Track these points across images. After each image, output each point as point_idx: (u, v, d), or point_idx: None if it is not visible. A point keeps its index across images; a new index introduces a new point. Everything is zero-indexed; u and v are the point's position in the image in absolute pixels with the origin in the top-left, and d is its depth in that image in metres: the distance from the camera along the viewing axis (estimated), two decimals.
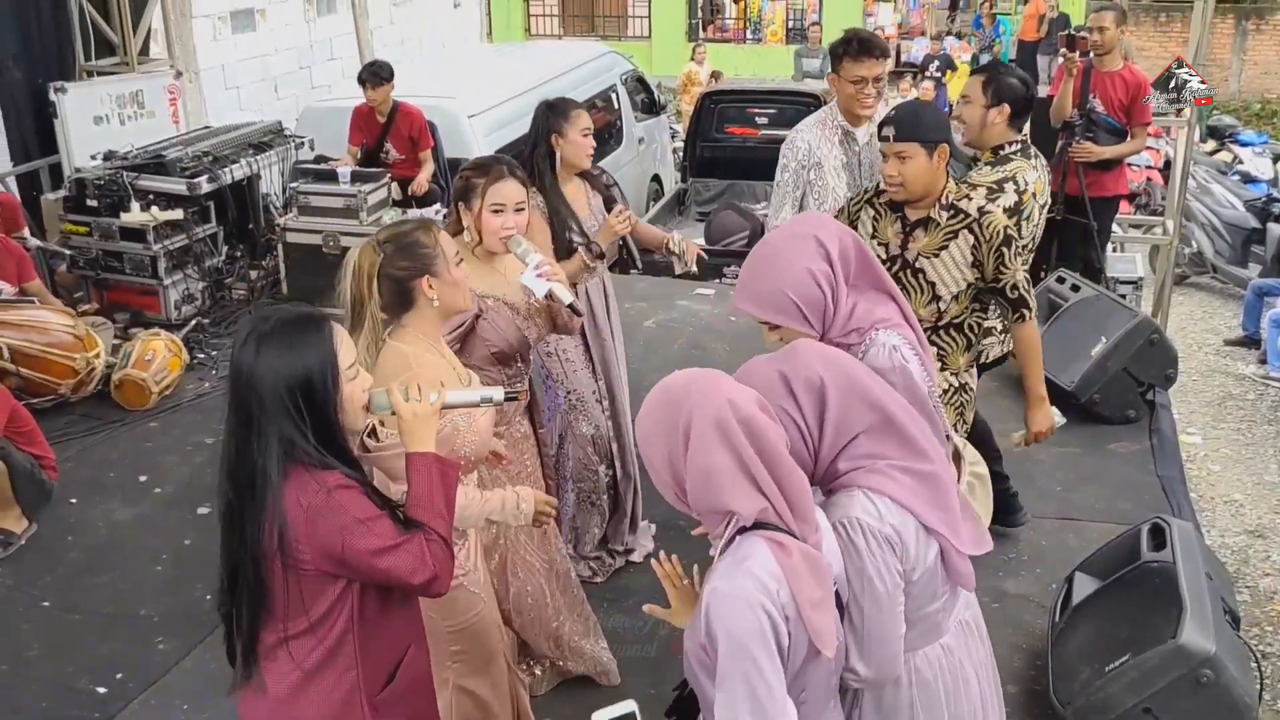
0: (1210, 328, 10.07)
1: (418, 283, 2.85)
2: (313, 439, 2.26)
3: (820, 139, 4.50)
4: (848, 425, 2.27)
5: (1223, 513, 6.90)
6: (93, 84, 8.60)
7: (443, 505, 2.38)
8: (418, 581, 2.29)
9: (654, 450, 2.13)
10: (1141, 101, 6.67)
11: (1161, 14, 18.83)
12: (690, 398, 2.09)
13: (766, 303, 2.68)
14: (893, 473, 2.27)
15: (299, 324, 2.31)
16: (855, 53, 4.34)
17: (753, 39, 22.53)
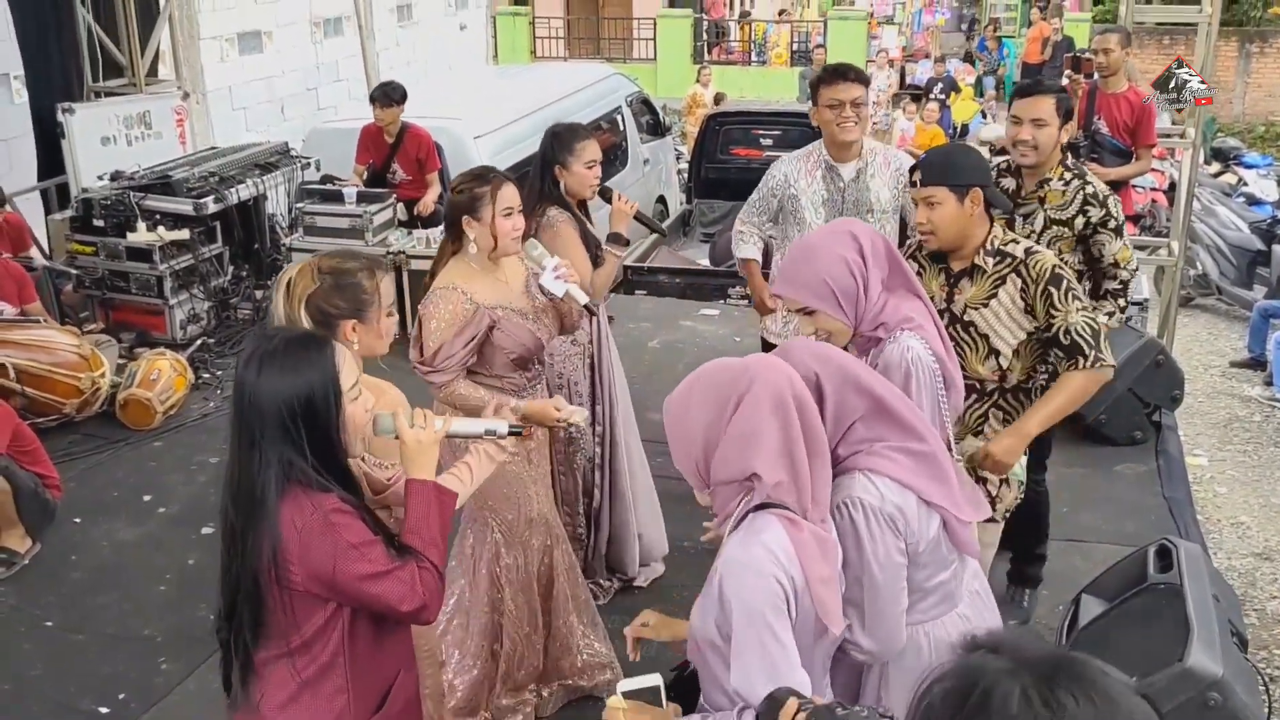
0: (1215, 349, 10.05)
1: (343, 324, 2.76)
2: (311, 459, 2.25)
3: (800, 171, 4.53)
4: (844, 413, 2.35)
5: (1229, 535, 6.87)
6: (100, 105, 8.64)
7: (437, 534, 2.37)
8: (406, 609, 2.28)
9: (689, 420, 2.16)
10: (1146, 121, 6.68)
11: (1165, 36, 18.89)
12: (753, 370, 2.15)
13: (804, 287, 2.82)
14: (890, 454, 2.34)
15: (302, 344, 2.30)
16: (829, 78, 4.39)
17: (757, 61, 22.62)
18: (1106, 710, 1.13)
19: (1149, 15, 10.66)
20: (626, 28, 23.91)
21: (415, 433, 2.39)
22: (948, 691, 1.20)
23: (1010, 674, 1.17)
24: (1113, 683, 1.17)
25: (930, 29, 26.55)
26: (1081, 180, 4.12)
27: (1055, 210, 4.11)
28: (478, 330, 3.50)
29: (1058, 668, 1.18)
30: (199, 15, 10.54)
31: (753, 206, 4.78)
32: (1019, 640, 1.24)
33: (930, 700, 1.22)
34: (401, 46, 15.45)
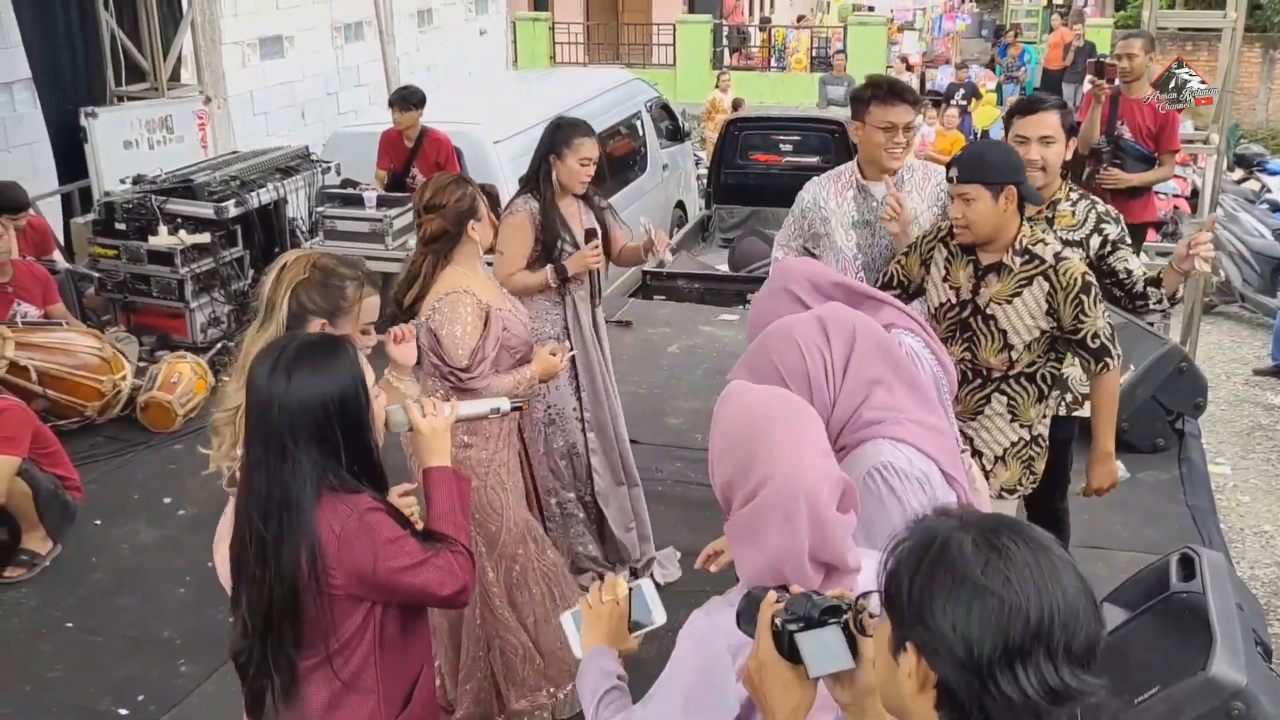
0: (1239, 357, 9.98)
1: (311, 322, 2.80)
2: (345, 461, 2.28)
3: (830, 194, 4.27)
4: (867, 373, 2.34)
5: (1253, 544, 6.81)
6: (123, 109, 8.69)
7: (462, 518, 2.44)
8: (447, 593, 2.35)
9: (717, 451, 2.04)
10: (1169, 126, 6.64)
11: (1188, 43, 18.80)
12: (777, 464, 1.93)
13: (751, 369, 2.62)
14: (912, 426, 2.35)
15: (325, 348, 2.32)
16: (884, 96, 4.04)
17: (777, 67, 22.60)
18: (1041, 551, 1.37)
19: (1172, 21, 10.61)
20: (646, 33, 23.92)
21: (429, 422, 2.45)
22: (909, 549, 1.41)
23: (960, 528, 1.40)
24: (1044, 534, 1.41)
25: (951, 35, 26.50)
26: (1089, 200, 4.02)
27: (1067, 231, 3.94)
28: (498, 330, 3.58)
29: (999, 522, 1.42)
30: (221, 20, 10.60)
31: (788, 230, 4.54)
32: (963, 509, 1.48)
33: (896, 559, 1.42)
34: (422, 51, 15.49)
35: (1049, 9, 25.95)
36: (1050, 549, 1.39)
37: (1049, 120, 3.91)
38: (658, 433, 6.29)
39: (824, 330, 2.36)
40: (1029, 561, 1.35)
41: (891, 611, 1.43)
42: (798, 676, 1.63)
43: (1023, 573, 1.34)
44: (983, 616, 1.32)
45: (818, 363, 2.32)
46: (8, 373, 5.94)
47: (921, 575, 1.37)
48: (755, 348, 2.44)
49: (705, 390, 6.93)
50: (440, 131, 8.12)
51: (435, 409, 2.45)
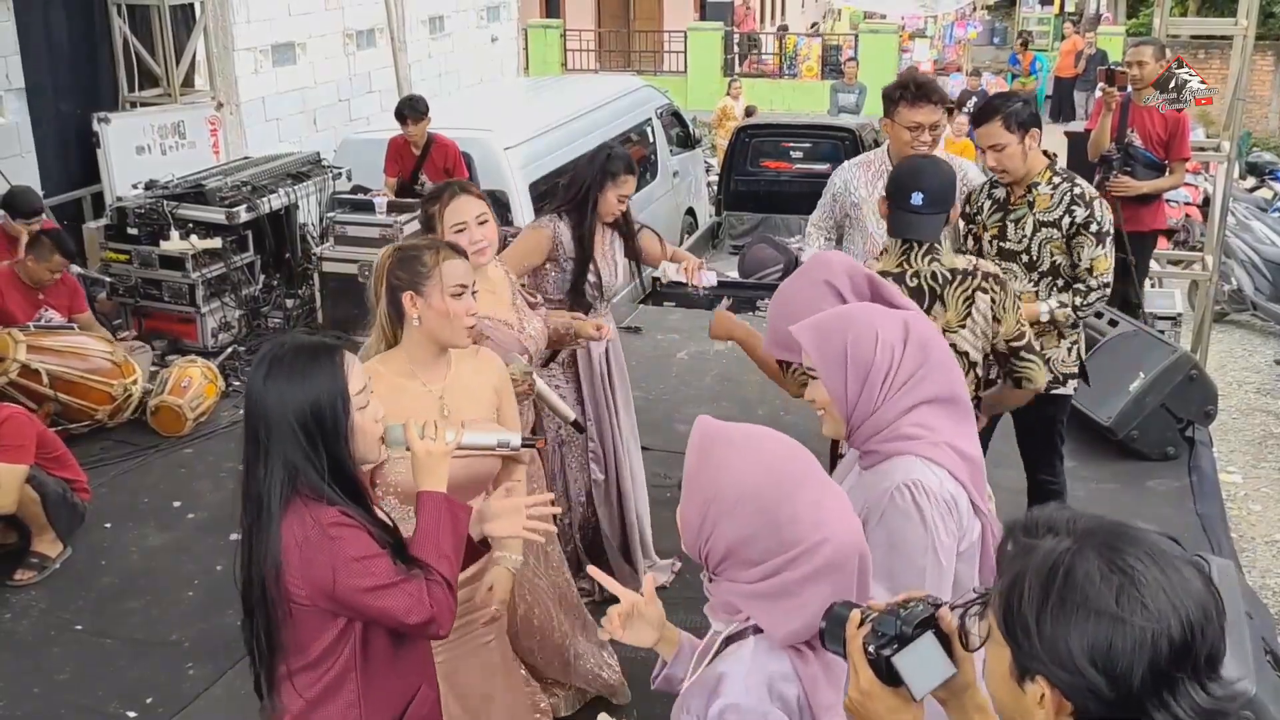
0: (1250, 365, 9.95)
1: (404, 297, 2.84)
2: (316, 468, 2.22)
3: (861, 180, 4.42)
4: (923, 391, 2.32)
5: (1264, 553, 6.78)
6: (135, 114, 8.73)
7: (449, 547, 2.33)
8: (413, 622, 2.24)
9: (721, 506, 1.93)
10: (1180, 134, 6.63)
11: (1200, 50, 18.75)
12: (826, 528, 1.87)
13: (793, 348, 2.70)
14: (947, 450, 2.32)
15: (310, 352, 2.28)
16: (912, 98, 4.19)
17: (788, 74, 22.61)
18: (1165, 562, 1.32)
19: (1183, 28, 10.61)
20: (657, 40, 23.95)
21: (425, 444, 2.35)
22: (1031, 580, 1.34)
23: (1077, 551, 1.33)
24: (1153, 536, 1.37)
25: (962, 42, 26.47)
26: (1071, 183, 4.14)
27: (1043, 213, 4.13)
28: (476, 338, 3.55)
29: (1114, 535, 1.36)
30: (233, 27, 10.64)
31: (820, 212, 4.68)
32: (1064, 518, 1.40)
33: (1012, 594, 1.35)
34: (433, 58, 15.52)
35: (1061, 17, 25.93)
36: (1168, 552, 1.34)
37: (993, 129, 4.07)
38: (667, 439, 6.28)
39: (905, 337, 2.33)
40: (1159, 579, 1.30)
41: (1016, 646, 1.35)
42: (902, 699, 1.58)
43: (1156, 595, 1.29)
44: (1125, 650, 1.27)
45: (883, 365, 2.30)
46: (20, 376, 5.97)
47: (1053, 613, 1.31)
48: (832, 323, 2.37)
49: (714, 397, 6.94)
50: (447, 137, 8.14)
51: (436, 432, 2.37)
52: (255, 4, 12.01)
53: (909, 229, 3.44)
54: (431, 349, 2.91)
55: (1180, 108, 6.73)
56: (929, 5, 21.15)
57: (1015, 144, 4.07)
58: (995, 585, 1.40)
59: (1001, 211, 4.22)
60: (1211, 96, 7.16)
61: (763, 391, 6.94)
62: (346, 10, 13.63)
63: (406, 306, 2.84)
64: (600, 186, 4.35)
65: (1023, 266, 4.17)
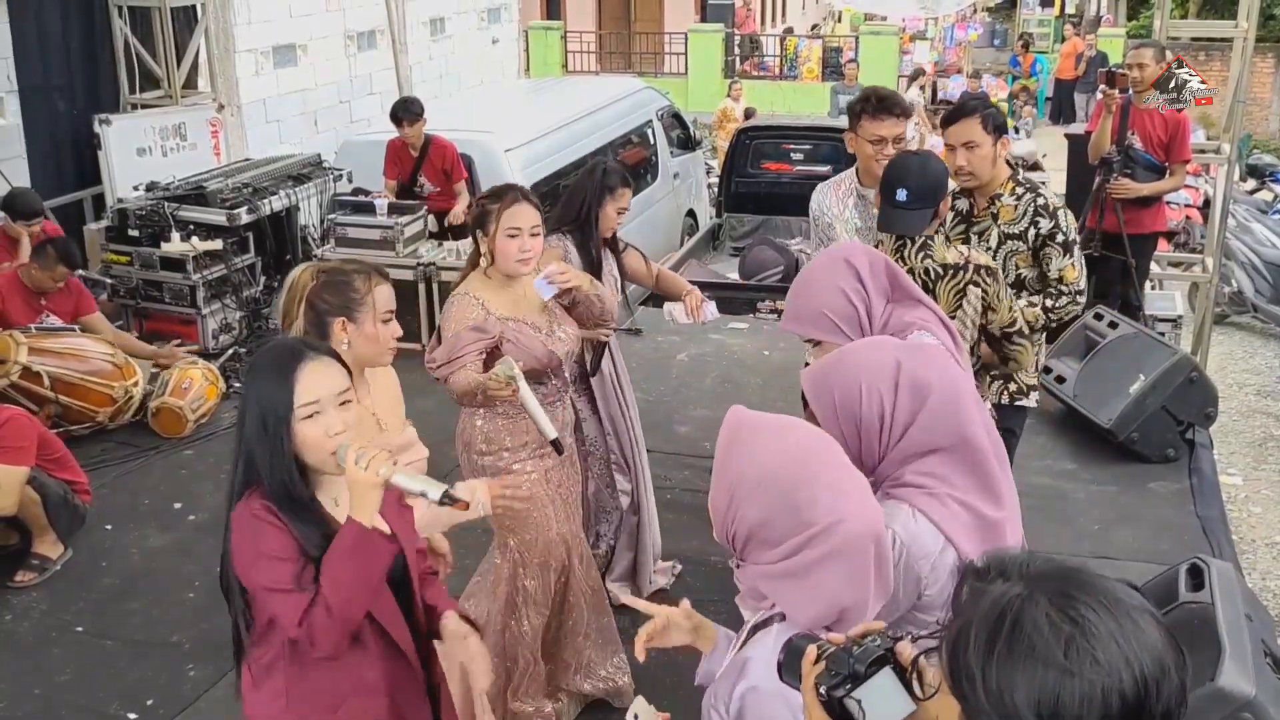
0: (1250, 367, 9.95)
1: (334, 322, 2.84)
2: (263, 463, 2.33)
3: (833, 200, 4.42)
4: (929, 439, 2.21)
5: (1264, 555, 6.78)
6: (136, 116, 8.74)
7: (347, 576, 2.30)
8: (290, 635, 2.32)
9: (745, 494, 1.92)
10: (1180, 136, 6.63)
11: (1200, 52, 18.76)
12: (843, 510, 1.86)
13: (807, 321, 2.86)
14: (951, 504, 2.21)
15: (275, 354, 2.39)
16: (874, 110, 4.18)
17: (789, 76, 22.61)
18: (1120, 611, 1.25)
19: (1184, 30, 10.61)
20: (658, 42, 23.96)
21: (358, 472, 2.31)
22: (977, 628, 1.27)
23: (1027, 597, 1.26)
24: (1110, 582, 1.30)
25: (963, 44, 26.48)
26: (1034, 193, 4.12)
27: (1008, 225, 4.10)
28: (487, 333, 3.54)
29: (1068, 581, 1.28)
30: (234, 28, 10.64)
31: (812, 238, 4.69)
32: (1018, 561, 1.33)
33: (958, 643, 1.29)
34: (434, 60, 15.53)
35: (1061, 19, 25.94)
36: (1125, 601, 1.27)
37: (970, 127, 4.05)
38: (667, 441, 6.29)
39: (895, 383, 2.21)
40: (1112, 630, 1.23)
41: (963, 697, 1.29)
42: None
43: (1108, 647, 1.22)
44: (1073, 705, 1.21)
45: (872, 414, 2.20)
46: (21, 378, 5.97)
47: (998, 663, 1.24)
48: (823, 372, 2.30)
49: (715, 398, 6.94)
50: (444, 138, 8.14)
51: (369, 463, 2.30)
52: (256, 6, 12.02)
53: (893, 224, 3.57)
54: (356, 371, 2.90)
55: (1180, 108, 6.73)
56: (929, 7, 21.10)
57: (989, 146, 4.06)
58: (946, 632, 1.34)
59: (965, 223, 4.19)
60: (1211, 96, 7.16)
61: (764, 394, 6.94)
62: (347, 12, 13.64)
63: (336, 332, 2.83)
64: (599, 201, 4.40)
65: None
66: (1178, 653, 1.27)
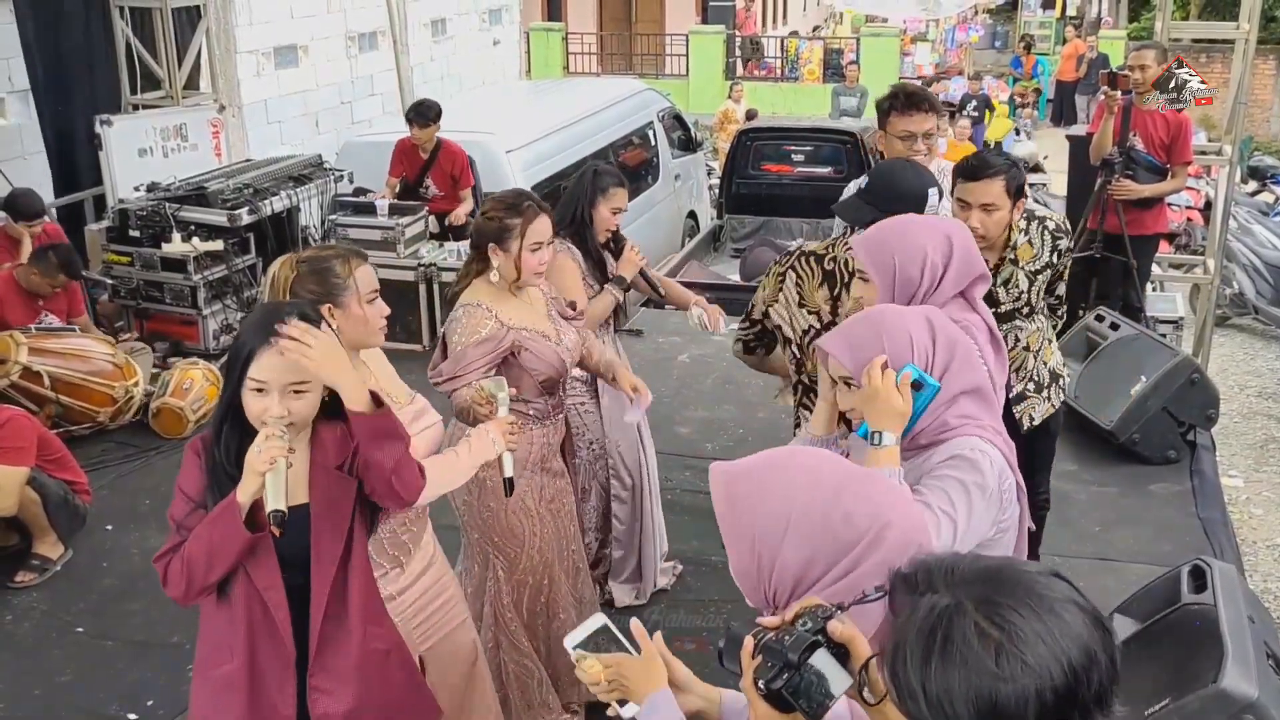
0: (1252, 369, 9.94)
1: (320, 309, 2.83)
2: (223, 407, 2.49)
3: None
4: (960, 383, 2.35)
5: (1265, 557, 6.78)
6: (137, 117, 8.73)
7: (203, 539, 2.44)
8: (156, 563, 2.53)
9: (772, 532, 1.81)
10: (1182, 138, 6.63)
11: (1202, 54, 18.75)
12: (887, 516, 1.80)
13: (876, 255, 2.76)
14: (993, 436, 2.37)
15: (263, 310, 2.52)
16: (903, 106, 4.06)
17: (790, 77, 22.61)
18: (1044, 609, 1.31)
19: (1185, 32, 10.61)
20: (659, 43, 23.96)
21: (251, 454, 2.39)
22: (912, 637, 1.33)
23: (957, 610, 1.32)
24: (1034, 576, 1.35)
25: (964, 46, 26.48)
26: (1038, 220, 3.98)
27: (1030, 263, 3.96)
28: (499, 346, 3.48)
29: (992, 585, 1.34)
30: (236, 29, 10.64)
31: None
32: (943, 568, 1.38)
33: (896, 659, 1.35)
34: (435, 61, 15.55)
35: (1062, 20, 25.94)
36: (1048, 597, 1.33)
37: (993, 188, 3.72)
38: (668, 442, 6.28)
39: (933, 335, 2.34)
40: (1037, 630, 1.30)
41: (907, 711, 1.35)
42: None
43: (1036, 648, 1.29)
44: (1010, 706, 1.28)
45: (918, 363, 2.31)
46: (21, 378, 5.97)
47: (935, 676, 1.31)
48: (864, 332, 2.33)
49: (715, 400, 6.93)
50: (455, 143, 8.14)
51: (264, 452, 2.37)
52: (258, 6, 12.03)
53: (844, 210, 3.49)
54: (350, 353, 2.91)
55: (1180, 107, 6.73)
56: (930, 8, 21.12)
57: (1007, 211, 3.77)
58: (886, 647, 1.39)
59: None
60: (1211, 96, 7.16)
61: (764, 394, 6.93)
62: (349, 13, 13.66)
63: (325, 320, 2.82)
64: (593, 203, 4.37)
65: (1023, 319, 4.03)
66: (1103, 632, 1.33)
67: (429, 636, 3.13)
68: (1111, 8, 28.32)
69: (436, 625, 3.15)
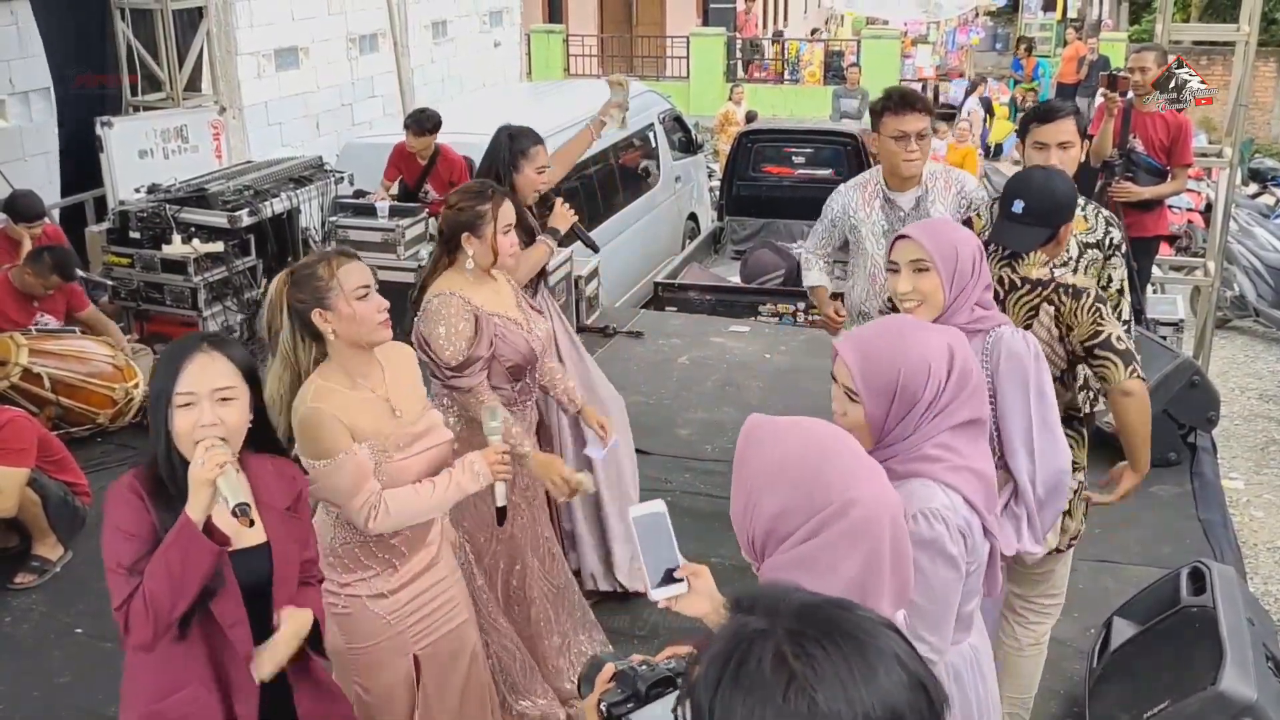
0: (1253, 372, 9.94)
1: (313, 315, 2.88)
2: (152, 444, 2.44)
3: (859, 202, 4.42)
4: (956, 417, 2.29)
5: (1266, 560, 6.77)
6: (138, 119, 8.73)
7: (163, 569, 2.34)
8: (115, 611, 2.40)
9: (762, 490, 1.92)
10: (1182, 140, 6.63)
11: (1203, 57, 18.76)
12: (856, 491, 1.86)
13: (936, 238, 2.85)
14: (966, 474, 2.30)
15: (175, 345, 2.49)
16: (895, 107, 4.19)
17: (790, 79, 22.62)
18: (854, 652, 1.19)
19: (1186, 34, 10.61)
20: (659, 45, 23.96)
21: (194, 466, 2.37)
22: (711, 659, 1.24)
23: (764, 634, 1.22)
24: (859, 620, 1.24)
25: (964, 48, 26.48)
26: (1096, 205, 4.08)
27: (1085, 235, 3.96)
28: (489, 335, 3.55)
29: (807, 620, 1.24)
30: (237, 31, 10.65)
31: (817, 237, 4.67)
32: (776, 596, 1.29)
33: (693, 673, 1.26)
34: (436, 63, 15.55)
35: (1063, 22, 25.94)
36: (868, 642, 1.22)
37: (1066, 126, 3.95)
38: (667, 444, 6.29)
39: (950, 366, 2.27)
40: (839, 671, 1.18)
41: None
42: None
43: (831, 688, 1.17)
44: None
45: (929, 398, 2.26)
46: (21, 379, 5.97)
47: (722, 697, 1.20)
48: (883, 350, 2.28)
49: (715, 402, 6.93)
50: (454, 150, 8.13)
51: (207, 460, 2.36)
52: (258, 8, 12.04)
53: (1002, 236, 3.42)
54: (360, 354, 2.96)
55: (1180, 107, 6.73)
56: (931, 10, 21.16)
57: (1078, 148, 3.99)
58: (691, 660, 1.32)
59: None
60: (1211, 96, 7.15)
61: (764, 397, 6.94)
62: (349, 15, 13.66)
63: (319, 324, 2.88)
64: (515, 167, 4.32)
65: None
66: (923, 697, 1.21)
67: (426, 636, 3.13)
68: (1112, 10, 28.33)
69: (434, 625, 3.15)
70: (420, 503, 2.97)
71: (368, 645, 3.04)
